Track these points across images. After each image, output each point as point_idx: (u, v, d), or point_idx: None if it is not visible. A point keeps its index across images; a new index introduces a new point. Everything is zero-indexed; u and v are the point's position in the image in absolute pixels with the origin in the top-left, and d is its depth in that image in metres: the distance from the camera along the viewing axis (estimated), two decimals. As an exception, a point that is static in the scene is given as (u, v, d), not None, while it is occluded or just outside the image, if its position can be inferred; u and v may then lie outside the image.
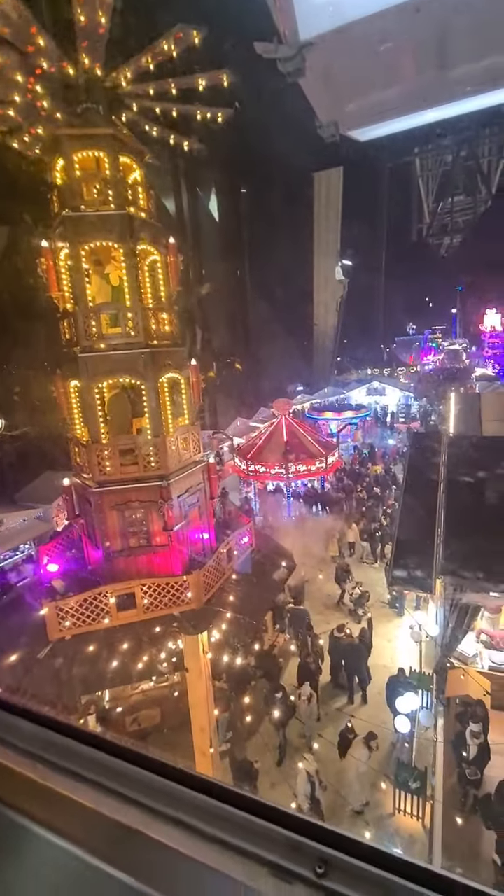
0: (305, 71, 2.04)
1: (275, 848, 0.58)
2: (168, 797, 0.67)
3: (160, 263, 10.88)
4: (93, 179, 10.20)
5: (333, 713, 9.72)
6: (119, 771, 0.71)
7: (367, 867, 0.54)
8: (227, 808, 0.63)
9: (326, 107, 2.30)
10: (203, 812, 0.64)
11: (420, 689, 9.03)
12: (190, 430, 11.37)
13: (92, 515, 10.54)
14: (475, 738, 7.39)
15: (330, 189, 51.66)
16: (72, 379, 10.64)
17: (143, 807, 0.66)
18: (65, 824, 0.65)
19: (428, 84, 2.09)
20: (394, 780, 7.74)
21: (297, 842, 0.58)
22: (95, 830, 0.65)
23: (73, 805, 0.69)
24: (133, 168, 10.76)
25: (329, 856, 0.56)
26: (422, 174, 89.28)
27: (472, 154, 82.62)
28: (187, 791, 0.67)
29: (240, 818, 0.62)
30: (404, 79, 2.10)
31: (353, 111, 2.29)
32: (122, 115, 10.38)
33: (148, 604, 9.73)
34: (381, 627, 12.28)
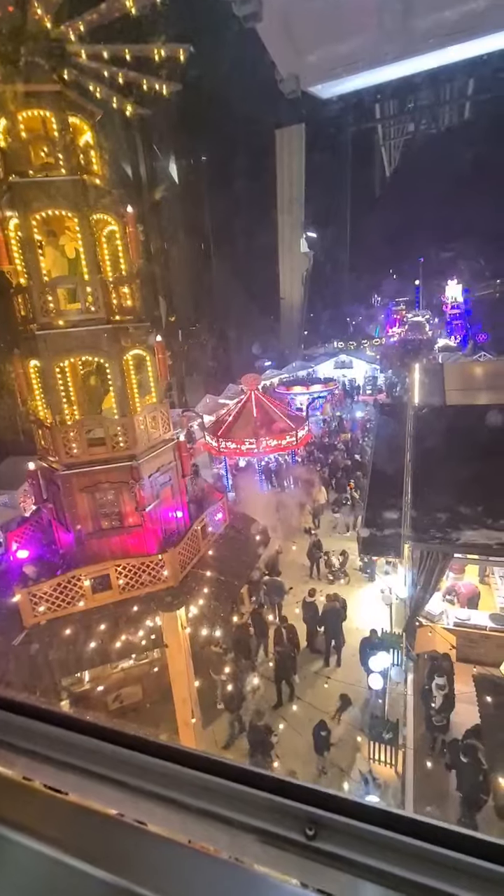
0: (262, 16, 1.92)
1: (262, 814, 0.57)
2: (143, 771, 0.65)
3: (119, 234, 10.39)
4: (40, 142, 9.54)
5: (311, 676, 10.11)
6: (90, 749, 0.68)
7: (358, 824, 0.55)
8: (207, 777, 0.61)
9: (287, 58, 2.19)
10: (182, 784, 0.62)
11: (391, 647, 9.49)
12: (158, 409, 11.16)
13: (61, 499, 10.30)
14: (441, 690, 7.86)
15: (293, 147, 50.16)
16: (31, 358, 10.19)
17: (116, 783, 0.64)
18: (32, 819, 0.61)
19: (391, 35, 2.01)
20: (368, 732, 8.19)
21: (285, 805, 0.58)
22: (65, 823, 0.61)
23: (39, 795, 0.65)
24: (84, 130, 10.11)
25: (318, 816, 0.56)
26: (384, 143, 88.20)
27: (433, 122, 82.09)
28: (163, 763, 0.64)
29: (223, 787, 0.61)
30: (367, 29, 2.01)
31: (315, 63, 2.19)
32: (69, 71, 9.64)
33: (124, 584, 9.70)
34: (353, 593, 12.74)
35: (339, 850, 0.53)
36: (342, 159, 72.83)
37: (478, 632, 9.47)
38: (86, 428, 10.02)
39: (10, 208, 9.39)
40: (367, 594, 13.04)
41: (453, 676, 8.38)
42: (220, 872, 0.56)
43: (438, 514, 8.32)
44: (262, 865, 0.54)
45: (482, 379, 12.99)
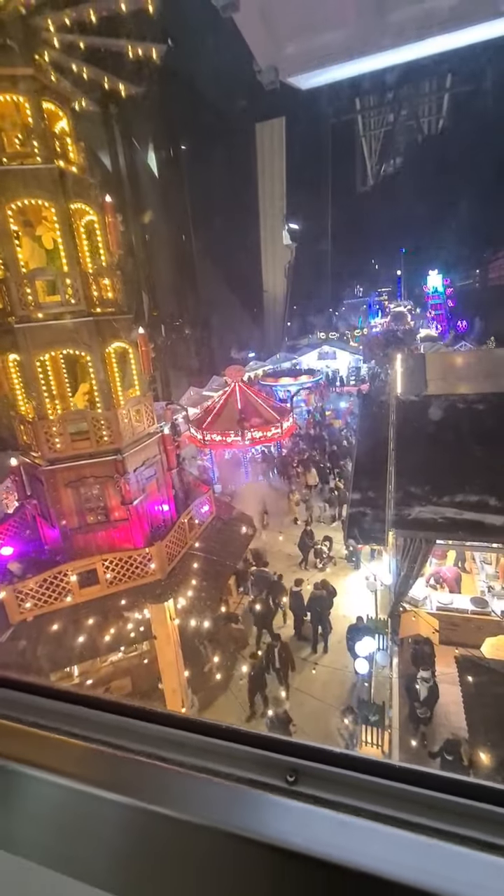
0: (239, 5, 1.92)
1: (245, 765, 0.63)
2: (142, 737, 0.70)
3: (97, 224, 10.22)
4: (13, 128, 9.28)
5: (299, 662, 10.28)
6: (93, 720, 0.73)
7: (335, 769, 0.61)
8: (194, 735, 0.68)
9: (265, 49, 2.19)
10: (176, 744, 0.68)
11: (377, 632, 9.71)
12: (142, 402, 11.08)
13: (44, 494, 10.19)
14: (425, 682, 8.07)
15: (273, 141, 49.84)
16: (10, 352, 9.99)
17: (114, 746, 0.69)
18: (49, 759, 0.68)
19: (369, 26, 2.03)
20: (356, 715, 8.39)
21: (266, 757, 0.64)
22: (81, 762, 0.68)
23: (54, 742, 0.71)
24: (59, 116, 9.87)
25: (298, 765, 0.62)
26: (364, 134, 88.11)
27: (412, 114, 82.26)
28: (152, 726, 0.71)
29: (212, 745, 0.67)
30: (346, 20, 2.02)
31: (294, 54, 2.19)
32: (42, 54, 9.37)
33: (111, 578, 9.69)
34: (339, 581, 12.93)
35: (317, 793, 0.59)
36: (323, 151, 72.58)
37: (459, 615, 9.74)
38: (69, 422, 9.91)
39: (-16, 197, 9.14)
40: (353, 581, 13.26)
41: (434, 660, 8.60)
42: (217, 790, 0.62)
43: (421, 502, 8.50)
44: (248, 806, 0.60)
45: (463, 368, 13.20)
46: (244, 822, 0.56)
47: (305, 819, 0.57)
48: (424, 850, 0.52)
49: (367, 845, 0.53)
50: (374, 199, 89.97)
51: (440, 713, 8.18)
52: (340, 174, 79.15)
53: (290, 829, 0.55)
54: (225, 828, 0.56)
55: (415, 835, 0.54)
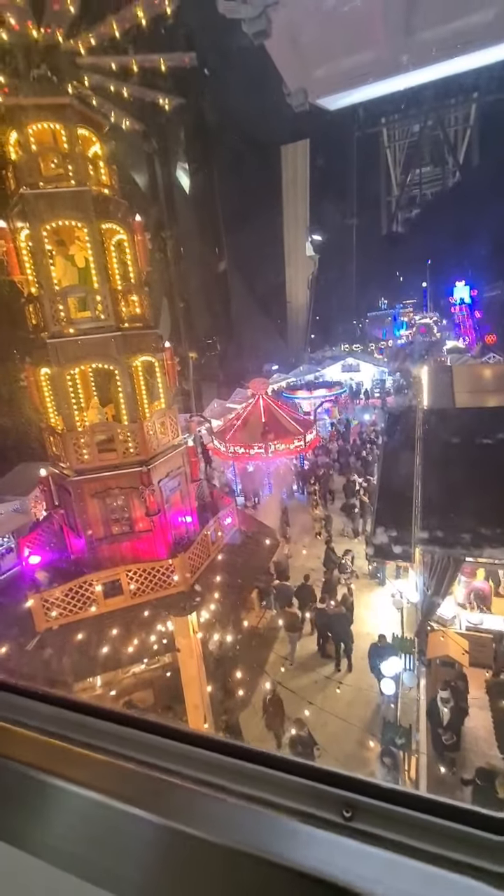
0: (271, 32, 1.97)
1: (300, 798, 0.62)
2: (186, 759, 0.69)
3: (127, 242, 10.53)
4: (50, 154, 9.71)
5: (322, 681, 10.07)
6: (138, 741, 0.73)
7: (391, 807, 0.59)
8: (247, 764, 0.66)
9: (294, 72, 2.24)
10: (224, 771, 0.67)
11: (403, 652, 9.42)
12: (167, 414, 11.25)
13: (71, 505, 10.40)
14: (446, 703, 7.72)
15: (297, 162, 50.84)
16: (42, 366, 10.33)
17: (165, 770, 0.69)
18: (91, 778, 0.68)
19: (396, 48, 2.05)
20: (380, 738, 8.12)
21: (321, 790, 0.62)
22: (123, 782, 0.68)
23: (96, 762, 0.72)
24: (93, 141, 10.30)
25: (353, 800, 0.60)
26: (389, 145, 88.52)
27: (438, 124, 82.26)
28: (204, 752, 0.70)
29: (262, 773, 0.65)
30: (373, 42, 2.05)
31: (322, 77, 2.23)
32: (79, 84, 9.85)
33: (135, 589, 9.76)
34: (362, 597, 12.66)
35: (376, 830, 0.57)
36: (348, 162, 73.21)
37: (490, 636, 9.37)
38: (96, 434, 10.13)
39: (21, 220, 9.58)
40: (378, 598, 12.96)
41: (464, 686, 8.26)
42: (260, 820, 0.61)
43: (450, 518, 8.27)
44: (302, 841, 0.58)
45: (491, 380, 12.92)
46: (297, 855, 0.54)
47: (361, 857, 0.55)
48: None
49: (425, 890, 0.51)
50: (398, 210, 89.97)
51: (470, 739, 7.84)
52: (364, 185, 79.56)
53: (345, 866, 0.53)
54: (273, 858, 0.54)
55: (477, 882, 0.52)
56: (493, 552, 7.90)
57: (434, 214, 79.72)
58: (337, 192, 67.72)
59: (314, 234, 56.92)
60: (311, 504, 18.63)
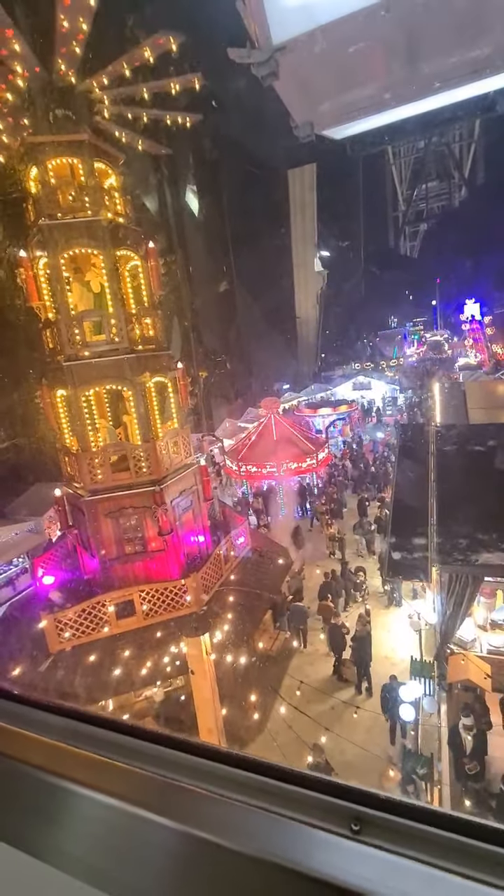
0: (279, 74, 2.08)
1: (309, 810, 0.62)
2: (197, 771, 0.70)
3: (141, 268, 10.86)
4: (68, 186, 10.14)
5: (339, 705, 9.78)
6: (152, 753, 0.74)
7: (400, 820, 0.59)
8: (257, 777, 0.67)
9: (301, 108, 2.34)
10: (235, 782, 0.68)
11: (422, 676, 9.14)
12: (180, 434, 11.36)
13: (85, 524, 10.48)
14: (468, 731, 7.44)
15: (304, 185, 52.20)
16: (58, 388, 10.57)
17: (177, 779, 0.69)
18: (105, 783, 0.69)
19: (399, 81, 2.14)
20: (401, 767, 7.83)
21: (331, 803, 0.62)
22: (137, 788, 0.69)
23: (111, 767, 0.73)
24: (108, 173, 10.73)
25: (362, 813, 0.60)
26: (394, 161, 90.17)
27: (443, 139, 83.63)
28: (209, 763, 0.70)
29: (266, 784, 0.66)
30: (376, 77, 2.15)
31: (327, 111, 2.33)
32: (95, 119, 10.34)
33: (147, 610, 9.71)
34: (378, 618, 12.37)
35: (384, 843, 0.57)
36: (354, 182, 74.71)
37: (514, 659, 9.06)
38: (110, 454, 10.26)
39: (40, 248, 9.96)
40: (394, 619, 12.65)
41: (487, 710, 7.96)
42: (273, 827, 0.61)
43: (466, 536, 8.12)
44: (314, 848, 0.58)
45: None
46: (308, 861, 0.55)
47: (370, 863, 0.55)
48: None
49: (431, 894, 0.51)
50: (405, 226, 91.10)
51: (494, 768, 7.50)
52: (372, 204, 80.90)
53: (354, 872, 0.54)
54: (287, 864, 0.55)
55: (486, 888, 0.52)
56: (513, 571, 7.71)
57: (441, 233, 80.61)
58: (344, 211, 69.02)
59: (322, 251, 57.82)
60: (324, 523, 18.44)
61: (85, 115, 10.16)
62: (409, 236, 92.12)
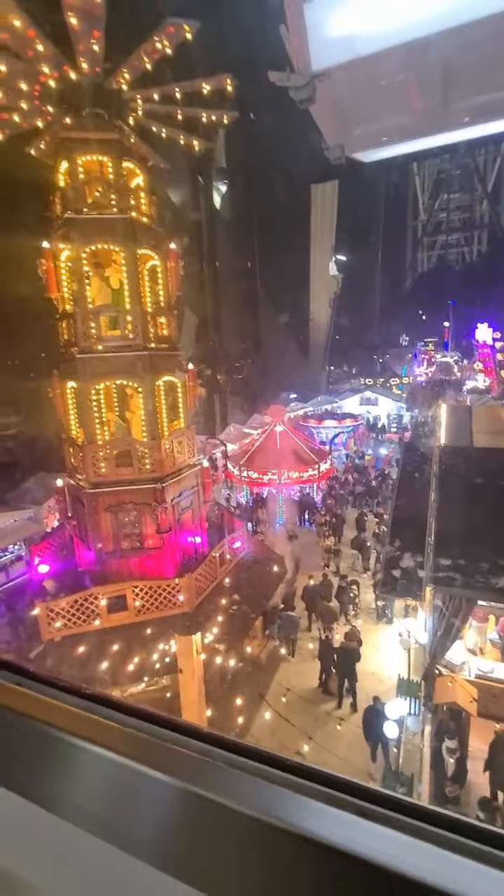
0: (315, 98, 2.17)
1: (315, 794, 0.67)
2: (200, 748, 0.76)
3: (160, 268, 10.99)
4: (96, 183, 10.31)
5: (322, 716, 9.76)
6: (151, 733, 0.80)
7: (399, 816, 0.64)
8: (262, 766, 0.71)
9: (333, 131, 2.43)
10: (231, 762, 0.73)
11: (408, 696, 9.12)
12: (185, 434, 11.44)
13: (85, 516, 10.54)
14: (452, 754, 7.42)
15: (326, 199, 52.99)
16: (69, 380, 10.68)
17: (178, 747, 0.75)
18: (110, 741, 0.75)
19: (431, 113, 2.23)
20: (381, 784, 7.80)
21: (335, 796, 0.67)
22: (140, 747, 0.75)
23: (115, 729, 0.80)
24: (136, 173, 10.90)
25: (365, 808, 0.66)
26: (418, 172, 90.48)
27: (468, 151, 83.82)
28: (205, 746, 0.76)
29: (275, 776, 0.71)
30: (408, 108, 2.24)
31: (359, 136, 2.42)
32: (128, 119, 10.53)
33: (140, 606, 9.73)
34: (369, 635, 12.36)
35: (390, 829, 0.63)
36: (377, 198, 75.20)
37: (502, 686, 9.03)
38: (115, 448, 10.34)
39: (64, 241, 10.10)
40: (385, 636, 12.63)
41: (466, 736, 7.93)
42: (279, 795, 0.66)
43: (462, 558, 8.14)
44: (320, 816, 0.63)
45: (511, 423, 12.84)
46: (313, 827, 0.60)
47: (378, 837, 0.60)
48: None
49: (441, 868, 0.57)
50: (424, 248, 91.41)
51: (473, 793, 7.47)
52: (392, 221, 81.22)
53: (362, 841, 0.58)
54: (287, 828, 0.59)
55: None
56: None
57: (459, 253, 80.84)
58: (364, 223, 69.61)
59: (339, 255, 58.08)
60: (321, 535, 18.45)
61: (118, 115, 10.35)
62: (426, 247, 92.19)
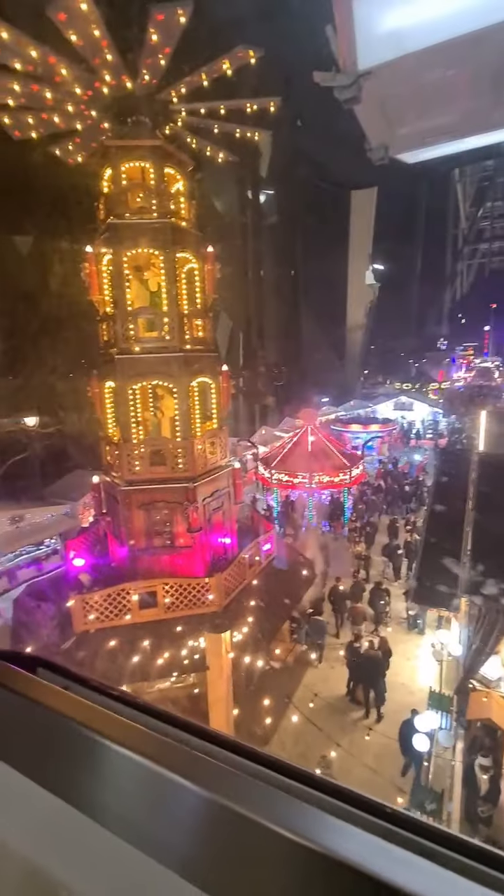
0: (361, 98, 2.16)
1: (343, 814, 0.67)
2: (227, 759, 0.77)
3: (198, 271, 11.17)
4: (138, 189, 10.60)
5: (350, 724, 9.59)
6: (184, 736, 0.82)
7: (440, 849, 0.64)
8: (292, 783, 0.73)
9: (378, 131, 2.41)
10: (259, 775, 0.74)
11: (439, 709, 8.85)
12: (218, 435, 11.54)
13: (118, 513, 10.81)
14: (486, 772, 7.13)
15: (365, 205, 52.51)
16: (107, 380, 10.98)
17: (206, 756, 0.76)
18: (140, 746, 0.75)
19: (481, 111, 2.18)
20: (409, 799, 7.60)
21: (370, 822, 0.66)
22: (169, 754, 0.75)
23: (148, 735, 0.81)
24: (177, 179, 11.13)
25: (388, 830, 0.65)
26: (460, 179, 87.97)
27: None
28: (246, 762, 0.77)
29: (303, 791, 0.72)
30: (457, 106, 2.20)
31: (405, 136, 2.39)
32: (170, 127, 10.79)
33: (169, 603, 9.88)
34: (399, 645, 12.06)
35: (416, 854, 0.62)
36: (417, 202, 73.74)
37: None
38: (149, 447, 10.56)
39: (106, 246, 10.43)
40: (415, 646, 12.31)
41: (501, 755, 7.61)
42: (313, 815, 0.67)
43: (500, 568, 7.84)
44: (348, 838, 0.63)
45: None
46: (335, 847, 0.59)
47: (405, 862, 0.60)
48: None
49: None
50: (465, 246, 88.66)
51: None
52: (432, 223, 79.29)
53: (389, 867, 0.58)
54: (313, 846, 0.59)
55: None
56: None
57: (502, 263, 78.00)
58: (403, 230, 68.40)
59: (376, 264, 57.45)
60: (351, 541, 18.19)
61: (161, 122, 10.63)
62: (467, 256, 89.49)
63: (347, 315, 57.63)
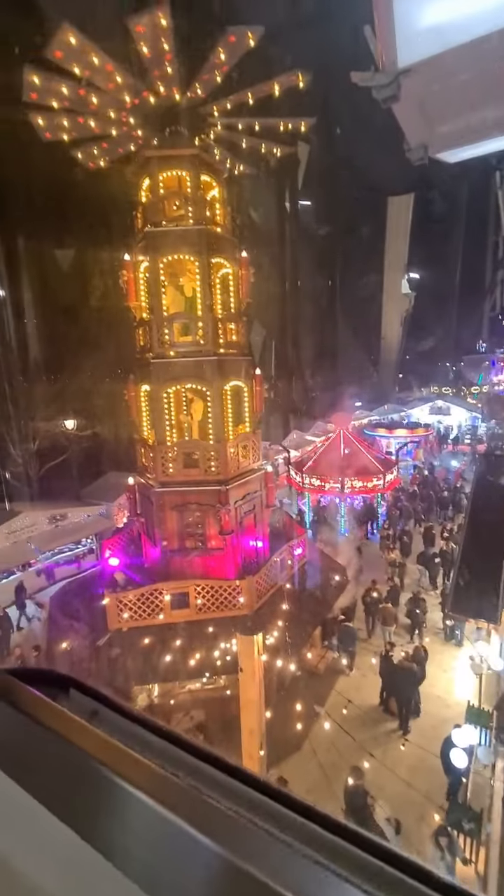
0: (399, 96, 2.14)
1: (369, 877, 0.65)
2: (245, 801, 0.77)
3: (232, 276, 11.31)
4: (175, 196, 10.85)
5: (383, 735, 9.35)
6: (206, 773, 0.82)
7: (419, 885, 0.64)
8: (313, 826, 0.72)
9: (417, 130, 2.38)
10: (278, 821, 0.73)
11: (478, 725, 8.50)
12: (250, 438, 11.59)
13: (152, 514, 11.02)
14: None
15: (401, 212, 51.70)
16: (143, 383, 11.25)
17: (233, 808, 0.75)
18: (153, 788, 0.75)
19: (525, 104, 2.12)
20: (447, 816, 7.32)
21: (390, 873, 0.66)
22: (187, 804, 0.75)
23: (169, 782, 0.80)
24: (212, 186, 11.33)
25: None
26: (501, 186, 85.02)
27: None
28: (264, 799, 0.77)
29: (332, 841, 0.71)
30: (500, 101, 2.15)
31: (444, 134, 2.35)
32: (206, 134, 11.00)
33: (201, 604, 9.97)
34: (435, 656, 11.67)
35: None
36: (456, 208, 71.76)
37: None
38: (183, 449, 10.73)
39: (143, 253, 10.72)
40: (452, 658, 11.89)
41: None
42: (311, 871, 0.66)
43: (544, 581, 7.48)
44: None
45: None
46: None
47: None
48: None
49: None
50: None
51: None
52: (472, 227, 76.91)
53: None
54: None
55: None
56: None
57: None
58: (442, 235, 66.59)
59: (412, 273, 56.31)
60: (385, 548, 17.80)
61: (198, 130, 10.86)
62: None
63: (383, 323, 56.76)
